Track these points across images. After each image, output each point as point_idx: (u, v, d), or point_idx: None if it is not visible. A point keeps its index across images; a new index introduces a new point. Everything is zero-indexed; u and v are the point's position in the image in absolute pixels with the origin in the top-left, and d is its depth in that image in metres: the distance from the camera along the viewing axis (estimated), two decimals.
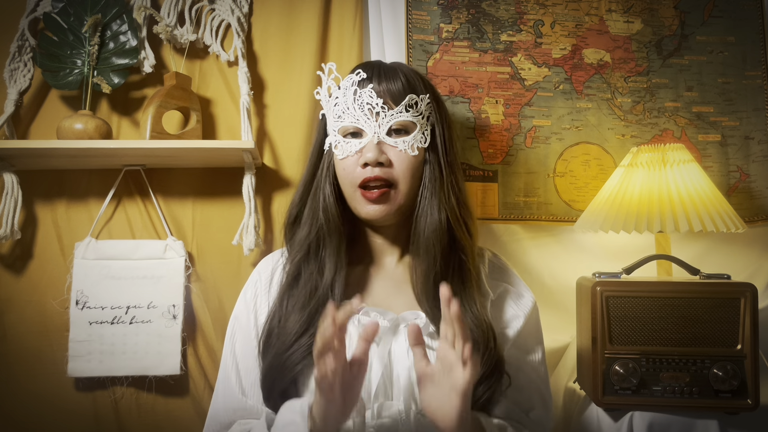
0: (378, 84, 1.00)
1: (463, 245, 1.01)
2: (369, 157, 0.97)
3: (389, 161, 0.99)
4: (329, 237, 1.00)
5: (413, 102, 1.01)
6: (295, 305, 0.98)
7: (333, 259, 0.99)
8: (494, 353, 0.94)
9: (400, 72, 1.03)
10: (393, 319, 0.97)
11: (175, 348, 1.32)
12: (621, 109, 1.50)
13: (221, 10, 1.42)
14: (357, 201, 1.00)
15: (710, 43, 1.52)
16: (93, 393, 1.32)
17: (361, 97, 0.99)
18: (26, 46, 1.35)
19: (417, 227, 1.01)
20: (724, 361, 1.12)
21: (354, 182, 0.99)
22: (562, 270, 1.47)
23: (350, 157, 1.00)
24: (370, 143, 0.98)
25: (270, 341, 0.97)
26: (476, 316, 0.97)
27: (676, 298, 1.14)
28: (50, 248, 1.36)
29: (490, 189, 1.45)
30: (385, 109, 0.99)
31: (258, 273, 1.09)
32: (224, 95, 1.42)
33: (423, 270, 0.99)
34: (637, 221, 1.27)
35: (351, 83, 1.00)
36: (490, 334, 0.95)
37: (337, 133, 1.02)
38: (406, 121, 1.00)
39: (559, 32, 1.50)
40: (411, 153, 1.00)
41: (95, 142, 1.25)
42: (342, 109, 1.01)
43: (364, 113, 0.99)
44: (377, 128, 0.99)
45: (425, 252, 0.99)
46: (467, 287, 1.00)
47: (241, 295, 1.08)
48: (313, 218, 1.02)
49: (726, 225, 1.26)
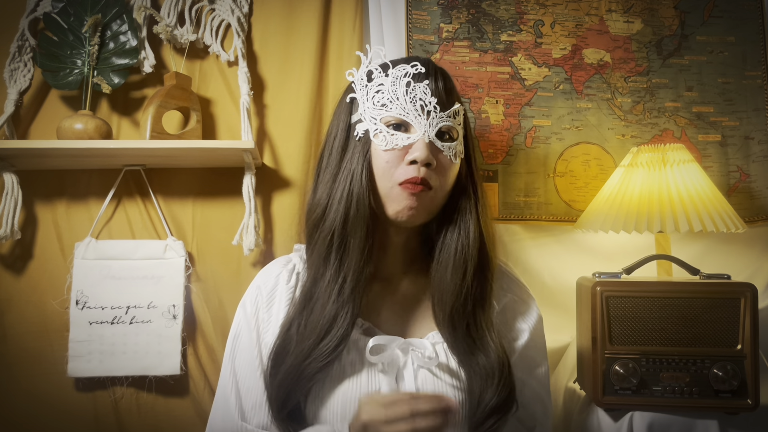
0: (434, 82, 0.96)
1: (490, 264, 0.98)
2: (419, 156, 0.92)
3: (436, 165, 0.94)
4: (354, 234, 0.93)
5: (458, 110, 0.98)
6: (314, 310, 0.93)
7: (356, 257, 0.93)
8: (508, 382, 0.91)
9: (449, 77, 1.00)
10: (402, 345, 0.94)
11: (175, 348, 1.32)
12: (621, 109, 1.50)
13: (221, 10, 1.42)
14: (392, 197, 0.94)
15: (710, 43, 1.52)
16: (93, 393, 1.32)
17: (414, 91, 0.95)
18: (26, 46, 1.35)
19: (445, 239, 0.97)
20: (724, 361, 1.12)
21: (395, 178, 0.94)
22: (562, 270, 1.46)
23: (395, 151, 0.94)
24: (420, 141, 0.93)
25: (287, 349, 0.92)
26: (493, 340, 0.94)
27: (676, 298, 1.14)
28: (50, 248, 1.36)
29: (491, 189, 1.45)
30: (437, 109, 0.95)
31: (258, 288, 1.03)
32: (224, 95, 1.42)
33: (448, 288, 0.95)
34: (637, 221, 1.27)
35: (404, 74, 0.95)
36: (504, 360, 0.92)
37: (378, 121, 0.95)
38: (451, 126, 0.97)
39: (559, 32, 1.50)
40: (454, 161, 0.97)
41: (95, 142, 1.25)
42: (388, 98, 0.95)
43: (416, 108, 0.94)
44: (428, 127, 0.94)
45: (454, 268, 0.95)
46: (486, 307, 0.97)
47: (240, 310, 1.03)
48: (341, 210, 0.94)
49: (726, 225, 1.26)
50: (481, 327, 0.95)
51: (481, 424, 0.90)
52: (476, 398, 0.90)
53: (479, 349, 0.93)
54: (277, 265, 1.06)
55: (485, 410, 0.89)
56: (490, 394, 0.90)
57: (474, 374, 0.92)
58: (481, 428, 0.90)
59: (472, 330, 0.95)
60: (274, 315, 0.99)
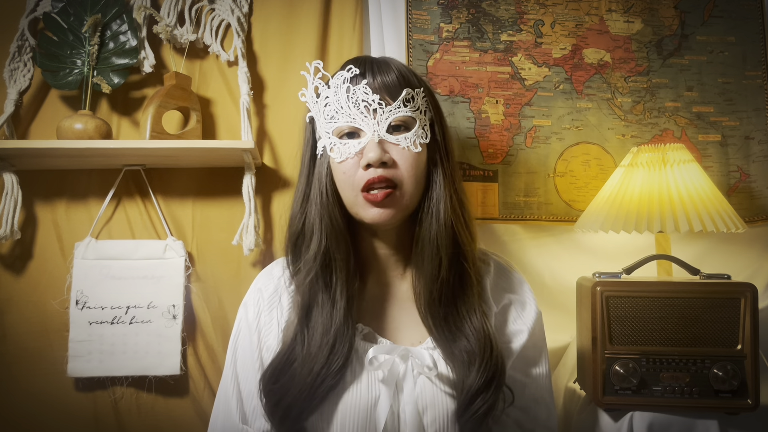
0: (372, 79, 0.94)
1: (465, 249, 0.96)
2: (371, 157, 0.90)
3: (392, 161, 0.92)
4: (337, 251, 0.94)
5: (410, 96, 0.94)
6: (315, 332, 0.92)
7: (344, 274, 0.94)
8: (492, 363, 0.91)
9: (393, 65, 0.97)
10: (402, 353, 0.93)
11: (175, 348, 1.32)
12: (621, 109, 1.50)
13: (221, 10, 1.42)
14: (360, 206, 0.93)
15: (710, 43, 1.52)
16: (93, 393, 1.32)
17: (355, 94, 0.92)
18: (26, 46, 1.35)
19: (421, 230, 0.96)
20: (724, 361, 1.12)
21: (356, 186, 0.92)
22: (562, 270, 1.47)
23: (349, 160, 0.93)
24: (370, 142, 0.91)
25: (292, 374, 0.91)
26: (474, 326, 0.94)
27: (676, 298, 1.14)
28: (50, 248, 1.36)
29: (491, 189, 1.45)
30: (383, 105, 0.92)
31: (259, 291, 1.02)
32: (224, 95, 1.42)
33: (427, 278, 0.95)
34: (637, 221, 1.27)
35: (342, 80, 0.93)
36: (487, 343, 0.92)
37: (331, 134, 0.94)
38: (405, 116, 0.93)
39: (559, 32, 1.50)
40: (414, 150, 0.93)
41: (95, 142, 1.25)
42: (335, 109, 0.93)
43: (360, 111, 0.92)
44: (376, 126, 0.92)
45: (430, 258, 0.94)
46: (467, 294, 0.96)
47: (242, 313, 1.02)
48: (317, 231, 0.95)
49: (726, 225, 1.26)
50: (461, 313, 0.95)
51: (466, 408, 0.89)
52: (460, 383, 0.90)
53: (461, 334, 0.93)
54: (278, 267, 1.05)
55: (469, 393, 0.89)
56: (473, 377, 0.89)
57: (456, 360, 0.92)
58: (466, 413, 0.89)
59: (453, 317, 0.95)
60: (276, 318, 0.98)
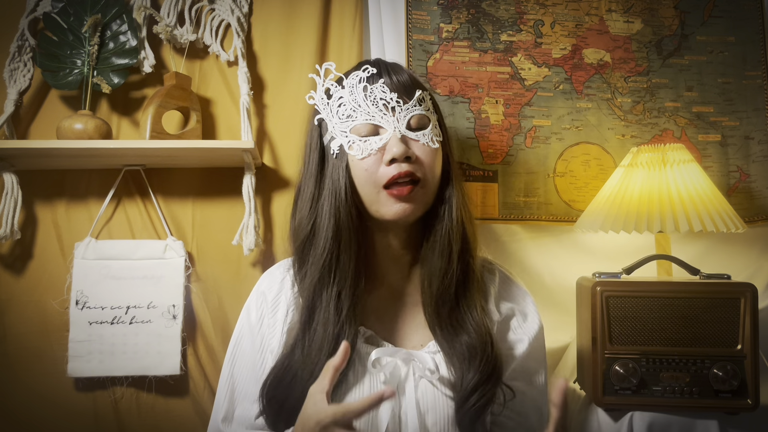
0: (389, 78, 0.97)
1: (471, 247, 0.99)
2: (396, 152, 0.92)
3: (416, 156, 0.94)
4: (347, 252, 0.94)
5: (422, 97, 0.98)
6: (317, 332, 0.92)
7: (350, 276, 0.94)
8: (491, 359, 0.92)
9: (403, 68, 1.02)
10: (404, 356, 0.94)
11: (175, 348, 1.32)
12: (621, 109, 1.50)
13: (221, 10, 1.42)
14: (381, 203, 0.94)
15: (710, 43, 1.52)
16: (93, 393, 1.32)
17: (372, 92, 0.95)
18: (26, 46, 1.35)
19: (435, 226, 0.98)
20: (724, 361, 1.12)
21: (378, 182, 0.93)
22: (562, 270, 1.47)
23: (371, 156, 0.94)
24: (393, 138, 0.93)
25: (292, 376, 0.91)
26: (475, 320, 0.95)
27: (676, 298, 1.14)
28: (50, 248, 1.36)
29: (490, 189, 1.45)
30: (400, 103, 0.95)
31: (262, 294, 1.02)
32: (224, 95, 1.42)
33: (435, 272, 0.96)
34: (637, 221, 1.27)
35: (359, 80, 0.96)
36: (487, 339, 0.94)
37: (349, 133, 0.95)
38: (422, 114, 0.97)
39: (559, 32, 1.50)
40: (433, 146, 0.96)
41: (95, 142, 1.25)
42: (351, 108, 0.95)
43: (379, 109, 0.95)
44: (396, 123, 0.94)
45: (440, 252, 0.96)
46: (470, 290, 0.98)
47: (244, 316, 1.03)
48: (328, 232, 0.94)
49: (726, 225, 1.26)
50: (463, 308, 0.96)
51: (464, 402, 0.90)
52: (459, 378, 0.91)
53: (463, 330, 0.95)
54: (281, 269, 1.05)
55: (468, 387, 0.90)
56: (472, 372, 0.91)
57: (457, 354, 0.93)
58: (465, 406, 0.90)
59: (456, 312, 0.96)
60: (279, 321, 0.98)
